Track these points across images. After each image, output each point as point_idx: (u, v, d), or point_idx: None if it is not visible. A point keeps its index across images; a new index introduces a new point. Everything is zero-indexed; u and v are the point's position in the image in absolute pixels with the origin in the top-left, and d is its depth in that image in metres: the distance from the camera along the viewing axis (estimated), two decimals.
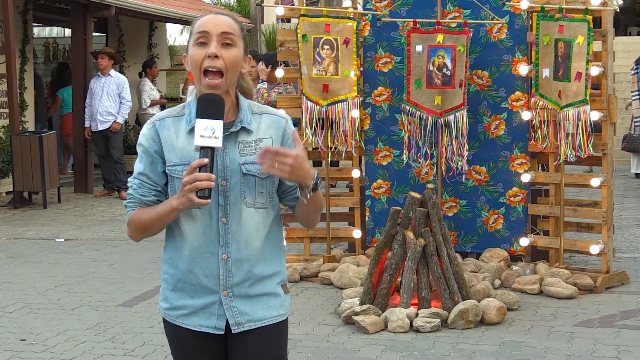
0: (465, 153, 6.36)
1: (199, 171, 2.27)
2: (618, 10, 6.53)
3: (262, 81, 8.37)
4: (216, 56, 2.36)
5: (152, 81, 13.36)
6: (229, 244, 2.43)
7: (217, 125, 2.30)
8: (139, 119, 13.57)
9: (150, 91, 13.10)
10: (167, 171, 2.45)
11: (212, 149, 2.30)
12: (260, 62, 8.28)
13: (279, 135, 2.49)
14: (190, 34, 2.45)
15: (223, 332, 2.48)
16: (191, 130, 2.39)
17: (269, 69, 8.21)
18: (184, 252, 2.45)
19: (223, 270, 2.44)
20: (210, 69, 2.37)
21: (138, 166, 2.48)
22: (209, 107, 2.33)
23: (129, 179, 2.51)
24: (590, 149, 6.03)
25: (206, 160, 2.28)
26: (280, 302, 2.53)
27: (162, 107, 13.80)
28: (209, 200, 2.30)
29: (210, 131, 2.29)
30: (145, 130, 2.49)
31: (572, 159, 6.14)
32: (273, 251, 2.52)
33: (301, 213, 2.54)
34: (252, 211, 2.44)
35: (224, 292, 2.45)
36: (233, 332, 2.46)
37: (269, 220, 2.50)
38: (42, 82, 13.69)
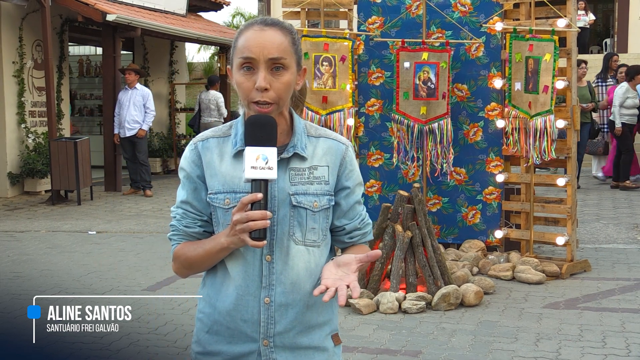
0: (451, 157, 6.35)
1: (252, 208, 1.70)
2: (588, 27, 6.52)
3: None
4: (266, 89, 1.77)
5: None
6: (273, 286, 1.84)
7: (271, 153, 1.71)
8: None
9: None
10: (208, 199, 1.86)
11: (266, 181, 1.72)
12: None
13: (336, 164, 1.88)
14: (233, 48, 1.83)
15: None
16: (237, 154, 1.84)
17: None
18: (224, 290, 1.87)
19: (264, 315, 1.84)
20: (260, 102, 1.79)
21: (181, 193, 1.90)
22: (259, 131, 1.73)
23: (171, 209, 1.93)
24: (553, 153, 6.03)
25: (260, 195, 1.69)
26: (326, 357, 1.91)
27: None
28: (265, 242, 1.72)
29: (262, 161, 1.70)
30: (187, 152, 1.91)
31: (537, 162, 6.14)
32: None
33: None
34: (302, 249, 1.85)
35: (264, 341, 1.85)
36: None
37: (322, 261, 1.88)
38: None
